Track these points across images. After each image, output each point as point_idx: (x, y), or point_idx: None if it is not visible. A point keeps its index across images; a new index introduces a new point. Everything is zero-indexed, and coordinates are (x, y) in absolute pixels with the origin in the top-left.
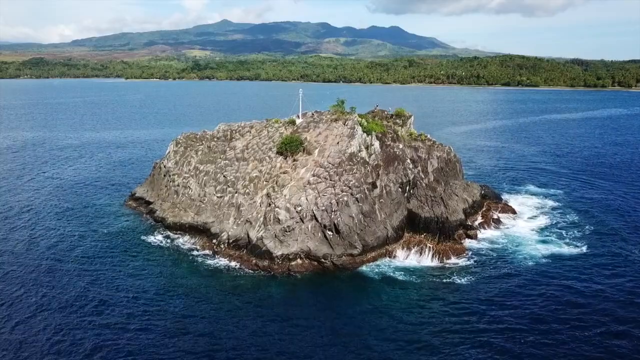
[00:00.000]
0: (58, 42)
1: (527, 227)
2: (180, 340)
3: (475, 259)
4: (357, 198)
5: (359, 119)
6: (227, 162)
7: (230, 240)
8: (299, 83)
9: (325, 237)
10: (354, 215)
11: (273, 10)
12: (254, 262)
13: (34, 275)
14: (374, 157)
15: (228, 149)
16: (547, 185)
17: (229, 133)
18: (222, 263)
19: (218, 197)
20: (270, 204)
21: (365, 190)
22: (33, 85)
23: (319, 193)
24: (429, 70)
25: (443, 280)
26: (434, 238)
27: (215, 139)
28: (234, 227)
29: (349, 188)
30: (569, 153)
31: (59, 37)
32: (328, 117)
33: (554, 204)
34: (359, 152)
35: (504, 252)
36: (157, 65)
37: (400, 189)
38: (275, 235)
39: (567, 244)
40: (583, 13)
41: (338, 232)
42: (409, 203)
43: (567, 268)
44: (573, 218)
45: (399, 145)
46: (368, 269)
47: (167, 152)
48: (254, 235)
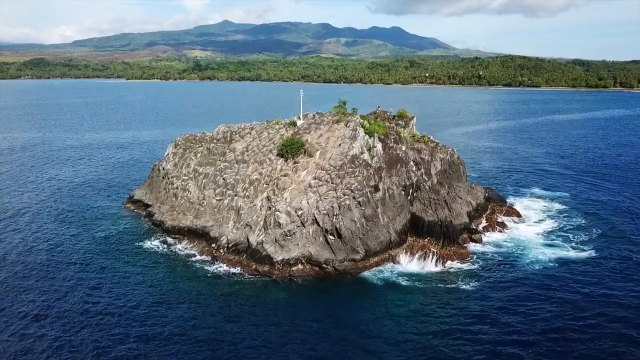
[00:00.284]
0: (59, 42)
1: (532, 230)
2: (180, 347)
3: (481, 264)
4: (359, 202)
5: (361, 121)
6: (226, 164)
7: (230, 245)
8: (300, 84)
9: (327, 241)
10: (356, 220)
11: (274, 11)
12: (254, 267)
13: (29, 283)
14: (377, 159)
15: (228, 151)
16: (551, 188)
17: (229, 135)
18: (221, 268)
19: (217, 200)
20: (271, 208)
21: (368, 194)
22: (33, 86)
23: (321, 196)
24: (430, 71)
25: (447, 286)
26: (438, 242)
27: (215, 141)
28: (234, 231)
29: (351, 191)
30: (573, 154)
31: (60, 37)
32: (329, 118)
33: (559, 207)
34: (361, 154)
35: (510, 256)
36: (158, 66)
37: (404, 192)
38: (276, 240)
39: (573, 248)
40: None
41: (340, 236)
42: (412, 206)
43: (574, 272)
44: (579, 221)
45: (402, 147)
46: (371, 275)
47: (166, 153)
48: (254, 240)
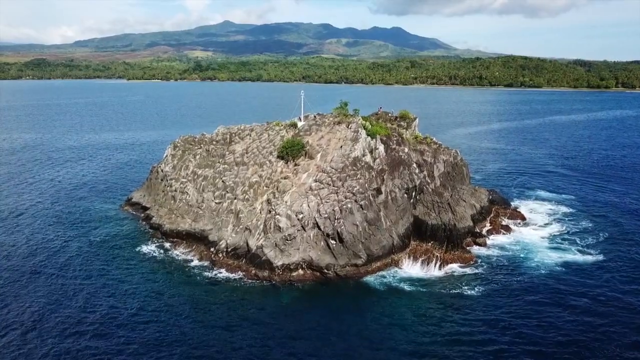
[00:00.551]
0: (60, 43)
1: (537, 233)
2: (179, 356)
3: (486, 268)
4: (361, 205)
5: (363, 122)
6: (226, 166)
7: (229, 249)
8: (301, 84)
9: (328, 246)
10: (358, 223)
11: (275, 11)
12: (254, 272)
13: (22, 290)
14: (379, 161)
15: (227, 153)
16: (556, 190)
17: (229, 136)
18: (220, 274)
19: (216, 203)
20: (271, 211)
21: (370, 197)
22: (34, 86)
23: (322, 199)
24: (431, 71)
25: (452, 291)
26: (442, 246)
27: (214, 143)
28: (233, 235)
29: (353, 194)
30: (577, 156)
31: (61, 38)
32: (331, 119)
33: (565, 209)
34: (363, 156)
35: (515, 260)
36: (159, 66)
37: (406, 195)
38: (276, 244)
39: (580, 251)
40: (586, 14)
41: (341, 241)
42: (415, 209)
43: (582, 276)
44: (585, 223)
45: (404, 149)
46: (373, 280)
47: (164, 155)
48: (254, 244)
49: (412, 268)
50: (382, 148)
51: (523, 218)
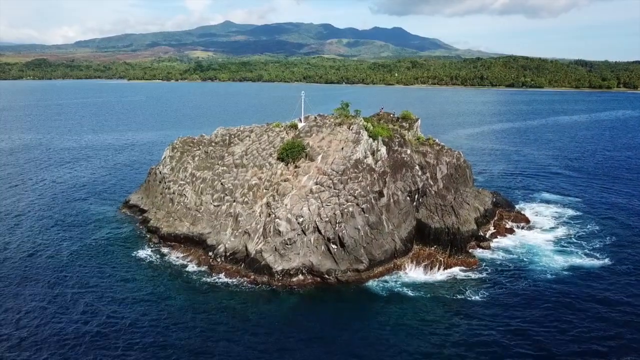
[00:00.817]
0: (61, 43)
1: (543, 237)
2: None
3: (490, 273)
4: (363, 208)
5: (365, 123)
6: (224, 168)
7: (227, 254)
8: (302, 84)
9: (329, 250)
10: (360, 227)
11: (276, 12)
12: (252, 277)
13: (12, 298)
14: (381, 163)
15: (226, 155)
16: (561, 191)
17: (228, 138)
18: (218, 279)
19: (215, 206)
20: (270, 214)
21: (372, 200)
22: (35, 87)
23: (322, 203)
24: (432, 72)
25: (456, 296)
26: (445, 251)
27: (213, 144)
28: (232, 238)
29: (355, 197)
30: (581, 157)
31: (63, 38)
32: (332, 121)
33: (570, 211)
34: (365, 158)
35: (520, 264)
36: (159, 67)
37: (409, 198)
38: (275, 249)
39: (587, 255)
40: (587, 14)
41: (343, 245)
42: (418, 212)
43: (589, 280)
44: (592, 226)
45: (407, 151)
46: (375, 285)
47: (162, 157)
48: (253, 248)
49: (415, 273)
50: (384, 150)
51: (527, 221)
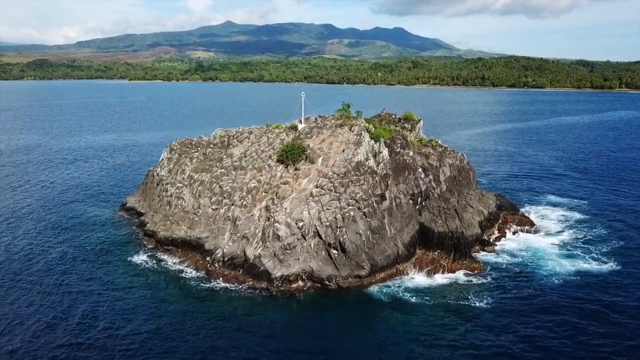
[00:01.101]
0: (62, 43)
1: (548, 240)
2: None
3: (495, 278)
4: (364, 212)
5: (366, 125)
6: (223, 170)
7: (225, 259)
8: (303, 84)
9: (330, 256)
10: (362, 232)
11: (277, 12)
12: (251, 283)
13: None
14: (383, 165)
15: (225, 157)
16: (566, 193)
17: (226, 139)
18: (216, 285)
19: (213, 209)
20: (269, 218)
21: (374, 203)
22: (35, 87)
23: (323, 206)
24: (434, 72)
25: (460, 303)
26: (449, 256)
27: (212, 146)
28: (230, 243)
29: (356, 201)
30: (585, 158)
31: (64, 38)
32: (332, 122)
33: (576, 214)
34: (366, 160)
35: (526, 268)
36: (160, 67)
37: (412, 201)
38: (275, 254)
39: (595, 259)
40: (588, 14)
41: (344, 250)
42: (421, 216)
43: (598, 286)
44: (599, 230)
45: (409, 153)
46: (377, 291)
47: (160, 159)
48: (251, 253)
49: (418, 278)
50: (385, 152)
51: (532, 224)
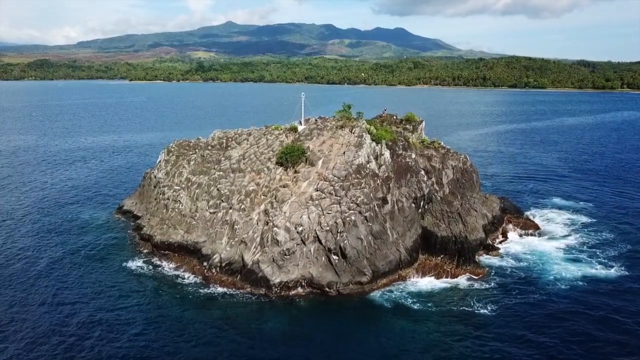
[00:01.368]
0: (63, 43)
1: (554, 244)
2: None
3: (500, 284)
4: (366, 217)
5: (367, 126)
6: (221, 173)
7: (223, 264)
8: (304, 85)
9: (330, 262)
10: (363, 237)
11: (277, 12)
12: (249, 289)
13: None
14: (384, 168)
15: (223, 159)
16: (571, 196)
17: (225, 141)
18: (213, 291)
19: (211, 213)
20: (268, 222)
21: (375, 207)
22: (36, 87)
23: (323, 210)
24: (435, 72)
25: (465, 309)
26: (452, 261)
27: (210, 148)
28: (228, 248)
29: (357, 205)
30: (590, 159)
31: (65, 39)
32: (333, 123)
33: (582, 217)
34: (368, 163)
35: (531, 274)
36: (161, 67)
37: (414, 205)
38: (273, 259)
39: (601, 264)
40: (589, 14)
41: (344, 256)
42: (424, 220)
43: (606, 292)
44: (606, 233)
45: (411, 155)
46: (379, 297)
47: (157, 160)
48: (249, 259)
49: (421, 284)
50: (387, 154)
51: (537, 227)
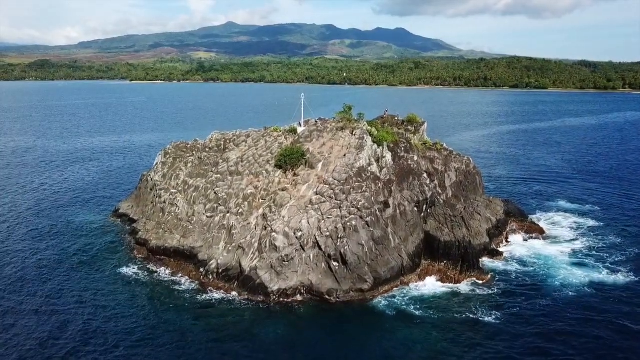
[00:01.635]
0: (64, 44)
1: (560, 248)
2: None
3: (504, 289)
4: (367, 222)
5: (369, 128)
6: (218, 176)
7: (220, 270)
8: (304, 85)
9: (330, 268)
10: (364, 243)
11: (278, 12)
12: (247, 296)
13: None
14: (386, 171)
15: (221, 161)
16: (576, 198)
17: (223, 143)
18: (210, 298)
19: (208, 217)
20: (266, 227)
21: (377, 212)
22: (37, 87)
23: (323, 215)
24: (436, 72)
25: (468, 316)
26: (456, 267)
27: (207, 150)
28: (225, 253)
29: (358, 209)
30: (594, 160)
31: (65, 39)
32: (333, 125)
33: (588, 220)
34: (369, 166)
35: (536, 279)
36: (161, 67)
37: (416, 208)
38: (272, 266)
39: (609, 269)
40: (590, 14)
41: (345, 263)
42: (426, 224)
43: (614, 297)
44: (612, 237)
45: (414, 157)
46: (381, 304)
47: (154, 163)
48: (247, 265)
49: (424, 290)
50: (389, 156)
51: (542, 231)
